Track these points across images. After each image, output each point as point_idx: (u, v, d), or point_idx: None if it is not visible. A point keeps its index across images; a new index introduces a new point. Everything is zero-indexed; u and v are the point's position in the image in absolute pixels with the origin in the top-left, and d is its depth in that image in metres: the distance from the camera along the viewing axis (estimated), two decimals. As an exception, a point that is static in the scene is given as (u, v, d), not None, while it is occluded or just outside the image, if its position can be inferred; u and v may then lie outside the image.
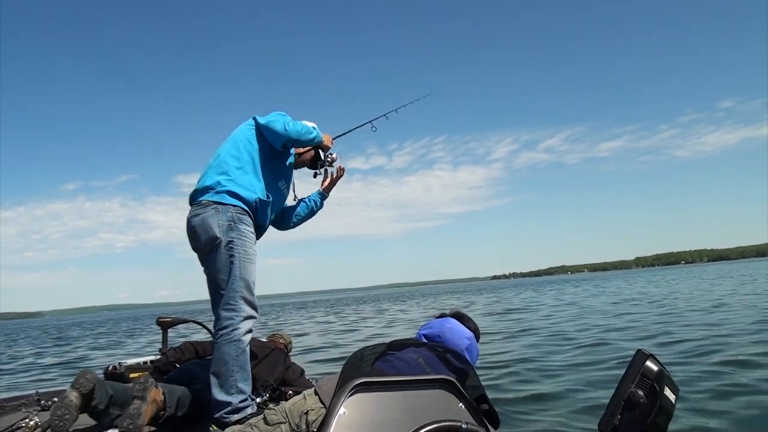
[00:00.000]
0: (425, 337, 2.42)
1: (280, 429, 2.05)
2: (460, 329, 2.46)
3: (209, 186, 2.71)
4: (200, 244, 2.65)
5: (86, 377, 2.31)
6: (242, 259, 2.62)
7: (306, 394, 2.13)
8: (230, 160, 2.76)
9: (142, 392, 2.34)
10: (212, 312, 2.73)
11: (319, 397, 2.06)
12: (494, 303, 25.05)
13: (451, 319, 2.54)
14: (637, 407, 1.69)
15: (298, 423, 2.02)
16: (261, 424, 2.10)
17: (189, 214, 2.72)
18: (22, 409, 2.77)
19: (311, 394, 2.10)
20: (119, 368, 3.34)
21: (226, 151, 2.81)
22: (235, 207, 2.66)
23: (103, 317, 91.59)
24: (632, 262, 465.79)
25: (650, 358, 1.76)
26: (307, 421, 2.00)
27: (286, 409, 2.09)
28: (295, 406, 2.08)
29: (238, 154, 2.78)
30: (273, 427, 2.05)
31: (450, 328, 2.44)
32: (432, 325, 2.50)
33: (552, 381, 5.98)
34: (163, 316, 3.68)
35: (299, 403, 2.09)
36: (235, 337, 2.55)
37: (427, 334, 2.43)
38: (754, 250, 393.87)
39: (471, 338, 2.44)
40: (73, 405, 2.24)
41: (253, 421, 2.16)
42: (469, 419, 1.77)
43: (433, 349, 2.21)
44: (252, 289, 2.65)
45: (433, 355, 2.15)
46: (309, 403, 2.05)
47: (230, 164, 2.75)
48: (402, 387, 1.78)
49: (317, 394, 2.08)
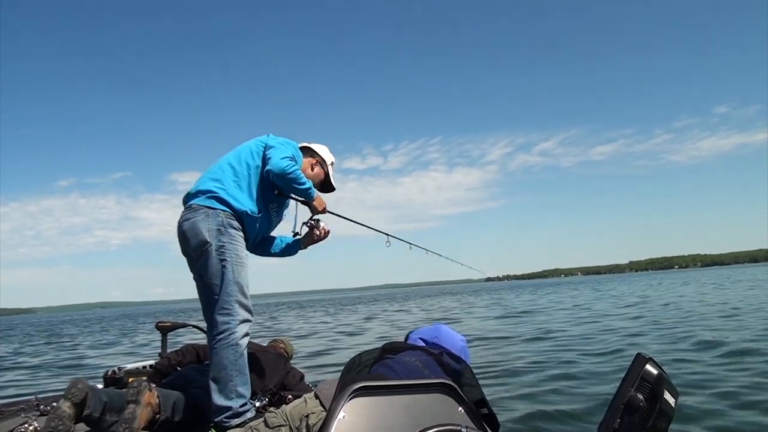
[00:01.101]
0: (422, 340, 2.46)
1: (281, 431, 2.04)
2: (454, 333, 2.54)
3: (201, 190, 2.71)
4: (190, 248, 2.65)
5: (78, 387, 2.29)
6: (234, 263, 2.62)
7: (307, 397, 2.13)
8: (228, 170, 2.75)
9: (135, 396, 2.32)
10: (203, 316, 2.73)
11: (320, 401, 2.06)
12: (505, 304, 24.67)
13: (442, 324, 2.62)
14: (636, 411, 1.70)
15: (298, 426, 2.02)
16: (261, 427, 2.10)
17: (180, 218, 2.72)
18: (22, 414, 2.74)
19: (312, 397, 2.10)
20: (118, 373, 3.32)
21: (227, 160, 2.80)
22: (225, 212, 2.66)
23: (96, 315, 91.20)
24: (626, 266, 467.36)
25: (650, 361, 1.77)
26: (307, 424, 2.00)
27: (287, 412, 2.09)
28: (296, 410, 2.08)
29: (237, 167, 2.76)
30: (273, 430, 2.06)
31: (445, 331, 2.52)
32: (425, 330, 2.56)
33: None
34: (162, 321, 3.66)
35: (300, 406, 2.09)
36: (232, 341, 2.54)
37: (424, 338, 2.48)
38: (747, 255, 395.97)
39: (464, 341, 2.53)
40: (66, 415, 2.22)
41: (254, 424, 2.16)
42: (468, 423, 1.77)
43: (430, 353, 2.23)
44: (246, 292, 2.65)
45: (430, 358, 2.16)
46: (309, 407, 2.06)
47: (227, 174, 2.74)
48: (401, 391, 1.78)
49: (318, 397, 2.09)
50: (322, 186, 3.19)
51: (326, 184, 3.19)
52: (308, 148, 3.11)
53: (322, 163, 3.13)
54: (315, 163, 3.10)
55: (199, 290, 2.72)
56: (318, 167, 3.11)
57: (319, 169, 3.12)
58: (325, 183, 3.19)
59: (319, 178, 3.13)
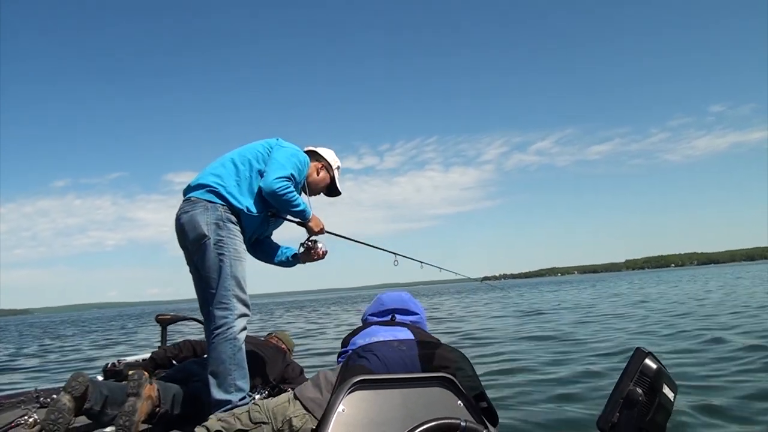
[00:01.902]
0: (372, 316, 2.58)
1: (262, 430, 2.00)
2: (394, 293, 2.69)
3: (202, 184, 2.69)
4: (188, 241, 2.64)
5: (78, 380, 2.30)
6: (232, 257, 2.60)
7: (290, 398, 2.06)
8: (230, 167, 2.73)
9: (136, 389, 2.32)
10: (201, 311, 2.72)
11: (302, 404, 2.00)
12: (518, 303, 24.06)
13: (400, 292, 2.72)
14: (635, 405, 1.70)
15: (281, 428, 1.96)
16: (244, 417, 2.04)
17: (179, 210, 2.71)
18: (21, 407, 2.75)
19: (294, 400, 2.04)
20: (118, 365, 3.33)
21: (231, 157, 2.77)
22: (224, 207, 2.64)
23: (93, 315, 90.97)
24: (622, 265, 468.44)
25: (649, 356, 1.77)
26: (291, 427, 1.94)
27: (270, 409, 2.02)
28: (279, 409, 2.00)
29: (240, 166, 2.74)
30: (255, 426, 2.00)
31: (387, 296, 2.66)
32: (370, 307, 2.66)
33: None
34: (162, 314, 3.66)
35: (283, 406, 2.01)
36: (230, 335, 2.53)
37: (372, 314, 2.60)
38: (743, 254, 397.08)
39: (408, 294, 2.69)
40: (66, 408, 2.23)
41: (237, 412, 2.10)
42: (468, 417, 1.78)
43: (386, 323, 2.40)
44: (244, 286, 2.64)
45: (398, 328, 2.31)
46: (292, 410, 1.99)
47: (228, 171, 2.72)
48: (401, 384, 1.79)
49: (299, 400, 2.02)
50: (329, 190, 3.16)
51: (332, 188, 3.15)
52: (314, 152, 3.07)
53: (328, 168, 3.08)
54: (320, 168, 3.06)
55: (195, 284, 2.71)
56: (323, 171, 3.07)
57: (324, 174, 3.07)
58: (332, 187, 3.14)
59: (324, 182, 3.09)
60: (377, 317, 2.56)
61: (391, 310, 2.55)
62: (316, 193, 3.13)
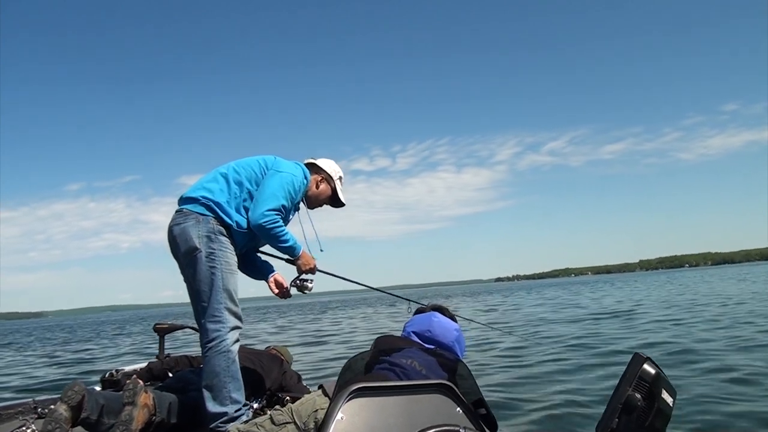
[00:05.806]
0: (414, 334, 2.41)
1: (287, 429, 2.06)
2: (447, 322, 2.47)
3: (193, 198, 2.69)
4: (180, 253, 2.65)
5: (74, 389, 2.32)
6: (224, 270, 2.60)
7: (315, 394, 2.14)
8: (222, 184, 2.72)
9: (132, 398, 2.34)
10: (196, 322, 2.71)
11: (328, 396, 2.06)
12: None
13: (435, 313, 2.54)
14: (634, 411, 1.70)
15: (305, 422, 2.03)
16: (267, 423, 2.11)
17: (171, 221, 2.71)
18: (19, 417, 2.75)
19: (320, 394, 2.12)
20: (116, 375, 3.33)
21: (225, 173, 2.75)
22: (215, 219, 2.64)
23: (109, 318, 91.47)
24: (636, 265, 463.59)
25: (647, 361, 1.77)
26: (316, 419, 2.01)
27: (293, 409, 2.10)
28: (303, 406, 2.09)
29: (233, 185, 2.72)
30: (279, 427, 2.07)
31: (437, 322, 2.45)
32: (418, 321, 2.49)
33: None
34: (160, 323, 3.66)
35: (308, 403, 2.10)
36: (223, 348, 2.55)
37: (416, 331, 2.41)
38: (758, 253, 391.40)
39: (458, 330, 2.46)
40: (63, 418, 2.24)
41: (259, 421, 2.17)
42: (467, 424, 1.78)
43: (426, 351, 2.23)
44: (235, 299, 2.64)
45: (430, 358, 2.16)
46: (319, 402, 2.06)
47: (221, 187, 2.71)
48: (399, 392, 1.79)
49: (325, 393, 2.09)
50: (331, 202, 3.12)
51: (335, 199, 3.11)
52: (313, 165, 3.04)
53: (328, 179, 3.04)
54: (320, 180, 3.02)
55: (189, 295, 2.71)
56: (324, 184, 3.03)
57: (324, 186, 3.03)
58: (334, 199, 3.10)
59: (325, 194, 3.05)
60: (422, 341, 2.39)
61: (438, 343, 2.37)
62: (317, 205, 3.09)
